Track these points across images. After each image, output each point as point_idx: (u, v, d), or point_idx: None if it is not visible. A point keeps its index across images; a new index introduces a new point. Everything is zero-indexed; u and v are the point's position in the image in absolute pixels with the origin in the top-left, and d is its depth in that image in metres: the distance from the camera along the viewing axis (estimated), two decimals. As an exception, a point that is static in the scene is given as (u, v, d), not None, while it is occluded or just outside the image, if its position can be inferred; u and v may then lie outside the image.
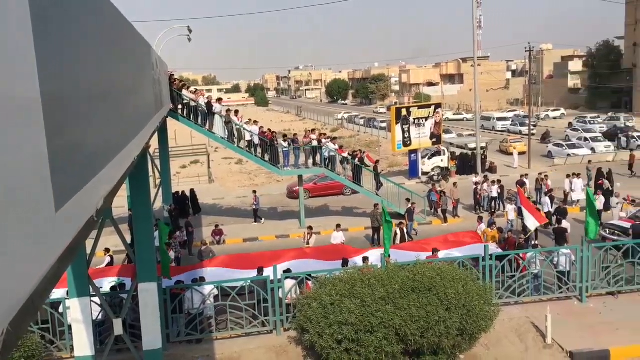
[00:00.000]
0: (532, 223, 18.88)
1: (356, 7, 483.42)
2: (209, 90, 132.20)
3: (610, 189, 25.44)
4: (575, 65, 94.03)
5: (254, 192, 27.68)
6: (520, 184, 25.96)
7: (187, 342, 13.65)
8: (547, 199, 23.62)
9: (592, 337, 12.80)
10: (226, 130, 23.98)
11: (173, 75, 24.09)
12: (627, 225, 19.08)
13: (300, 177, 26.07)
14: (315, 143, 24.79)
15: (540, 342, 12.87)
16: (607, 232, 19.70)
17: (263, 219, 26.77)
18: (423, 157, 35.95)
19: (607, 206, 22.78)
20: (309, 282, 13.82)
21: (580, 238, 15.28)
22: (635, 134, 44.85)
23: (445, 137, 43.96)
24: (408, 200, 24.08)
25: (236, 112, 24.71)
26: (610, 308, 14.32)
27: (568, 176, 26.65)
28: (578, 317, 13.87)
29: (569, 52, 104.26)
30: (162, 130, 25.28)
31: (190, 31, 35.65)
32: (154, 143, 24.72)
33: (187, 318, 13.63)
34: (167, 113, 21.20)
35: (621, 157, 37.34)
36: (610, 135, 46.86)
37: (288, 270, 14.42)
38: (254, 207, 26.76)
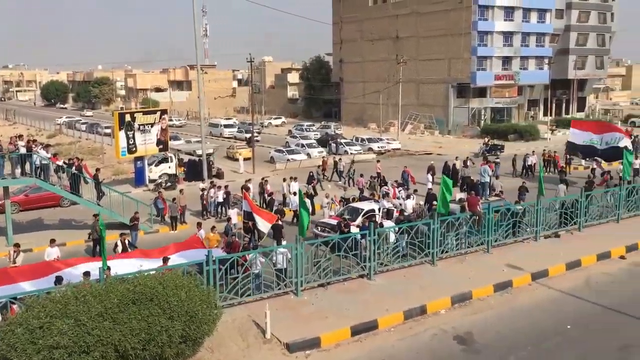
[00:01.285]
0: (263, 225, 19.89)
1: (75, 4, 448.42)
2: None
3: (312, 193, 28.32)
4: (293, 77, 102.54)
5: None
6: (245, 188, 27.05)
7: None
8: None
9: (305, 327, 13.95)
10: None
11: None
12: (334, 222, 21.36)
13: (5, 188, 23.15)
14: (23, 150, 22.24)
15: (261, 338, 13.56)
16: (319, 229, 21.79)
17: None
18: (150, 164, 35.13)
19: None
20: (14, 306, 12.30)
21: (295, 237, 16.57)
22: (342, 141, 50.74)
23: (173, 143, 43.74)
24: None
25: None
26: (321, 298, 15.81)
27: (285, 180, 28.76)
28: (294, 310, 15.00)
29: (287, 65, 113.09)
30: None
31: None
32: None
33: None
34: None
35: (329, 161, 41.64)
36: (323, 142, 52.12)
37: (-15, 296, 12.62)
38: None
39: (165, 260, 15.42)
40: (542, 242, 20.81)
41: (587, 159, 35.09)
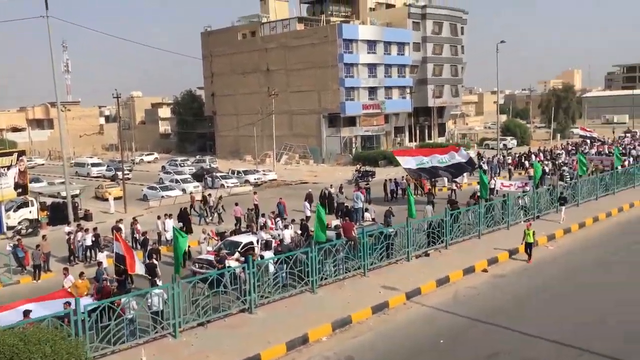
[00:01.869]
0: (139, 268, 18.97)
1: None
2: None
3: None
4: (165, 112, 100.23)
5: None
6: (116, 229, 25.79)
7: None
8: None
9: (185, 370, 13.46)
10: None
11: None
12: (212, 257, 20.91)
13: None
14: None
15: (137, 387, 12.87)
16: (196, 266, 21.23)
17: None
18: (8, 210, 32.41)
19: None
20: None
21: (171, 276, 16.02)
22: (218, 174, 50.18)
23: (34, 186, 40.81)
24: None
25: None
26: (201, 338, 15.34)
27: (159, 217, 27.81)
28: (172, 354, 14.40)
29: (158, 100, 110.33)
30: None
31: None
32: None
33: None
34: None
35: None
36: (198, 176, 51.19)
37: None
38: None
39: (26, 313, 14.18)
40: (413, 262, 21.87)
41: (452, 180, 37.51)
